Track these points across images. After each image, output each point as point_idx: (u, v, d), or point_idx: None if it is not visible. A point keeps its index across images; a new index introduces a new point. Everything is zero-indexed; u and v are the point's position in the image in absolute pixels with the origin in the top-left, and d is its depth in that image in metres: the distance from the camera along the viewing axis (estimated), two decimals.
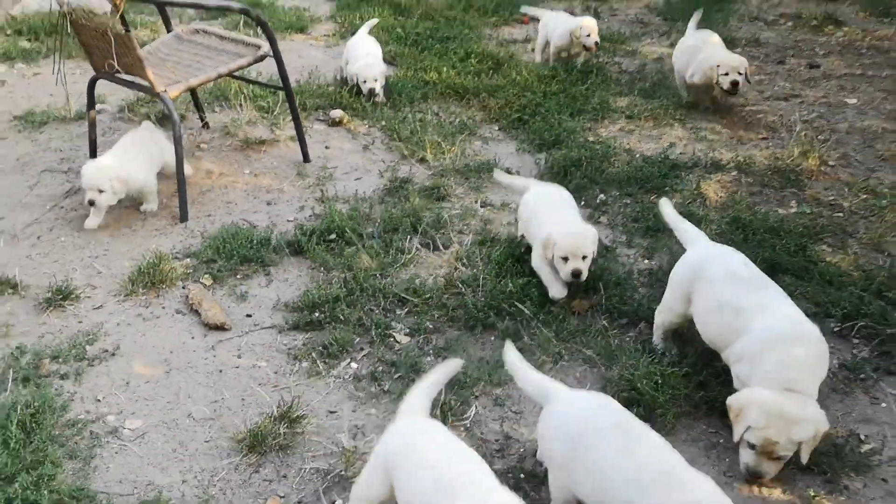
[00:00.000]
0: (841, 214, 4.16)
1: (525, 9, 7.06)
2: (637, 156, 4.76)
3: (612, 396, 2.48)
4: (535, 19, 7.29)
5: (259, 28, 4.57)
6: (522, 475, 2.67)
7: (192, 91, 5.02)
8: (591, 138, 4.98)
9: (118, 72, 4.08)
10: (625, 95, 5.67)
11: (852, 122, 5.29)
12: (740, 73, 4.97)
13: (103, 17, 3.83)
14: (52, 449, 2.74)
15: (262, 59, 4.45)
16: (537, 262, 3.50)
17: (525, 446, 2.81)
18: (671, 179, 4.47)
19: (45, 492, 2.54)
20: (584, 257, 3.34)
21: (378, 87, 5.34)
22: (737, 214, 4.04)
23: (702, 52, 5.17)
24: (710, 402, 2.90)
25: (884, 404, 2.97)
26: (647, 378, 2.89)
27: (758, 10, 7.82)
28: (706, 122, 5.30)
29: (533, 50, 6.64)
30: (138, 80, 4.12)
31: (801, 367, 2.52)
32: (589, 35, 5.80)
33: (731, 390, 2.75)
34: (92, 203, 4.04)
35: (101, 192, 4.00)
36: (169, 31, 4.78)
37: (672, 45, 6.73)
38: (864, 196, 4.31)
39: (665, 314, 3.12)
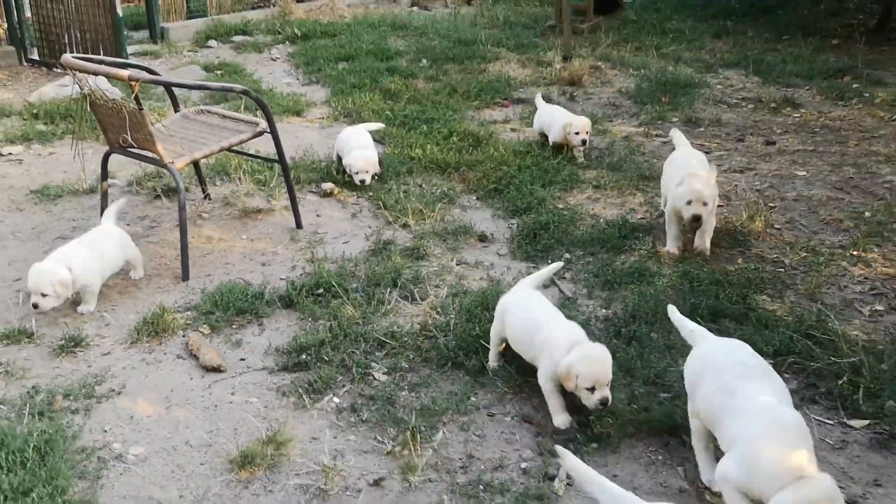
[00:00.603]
0: (782, 269, 4.59)
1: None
2: (601, 220, 5.21)
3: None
4: (517, 102, 7.90)
5: (258, 108, 5.08)
6: (482, 486, 3.02)
7: (196, 165, 5.52)
8: (560, 205, 5.44)
9: (131, 146, 4.57)
10: (593, 169, 6.17)
11: (800, 191, 5.77)
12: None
13: (120, 101, 4.35)
14: (64, 469, 3.08)
15: (260, 134, 4.96)
16: (545, 384, 3.35)
17: (486, 464, 3.16)
18: (630, 240, 4.91)
19: (60, 501, 2.88)
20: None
21: (369, 179, 5.75)
22: (686, 269, 4.47)
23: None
24: (651, 425, 3.27)
25: (824, 432, 3.33)
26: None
27: (721, 94, 8.42)
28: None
29: (512, 129, 7.19)
30: (148, 153, 4.60)
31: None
32: (578, 133, 6.23)
33: (670, 412, 3.12)
34: (35, 306, 4.03)
35: (44, 295, 4.02)
36: (176, 111, 5.31)
37: (640, 125, 7.32)
38: (805, 254, 4.74)
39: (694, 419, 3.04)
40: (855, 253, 4.76)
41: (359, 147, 5.88)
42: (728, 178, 6.05)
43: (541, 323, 3.42)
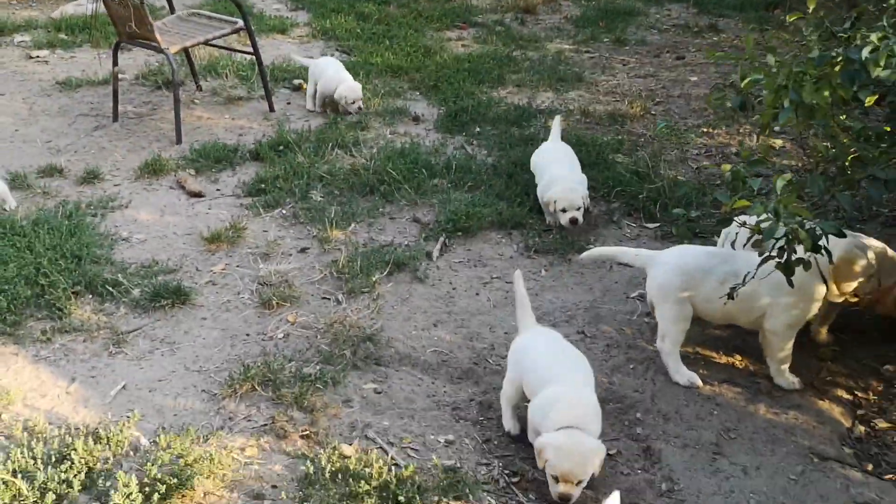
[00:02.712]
0: (641, 139, 5.89)
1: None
2: (511, 106, 6.51)
3: None
4: (474, 25, 9.10)
5: (238, 10, 6.38)
6: (376, 251, 4.39)
7: (190, 61, 6.82)
8: (483, 98, 6.73)
9: (136, 36, 5.88)
10: (521, 73, 7.45)
11: (686, 90, 7.03)
12: None
13: None
14: (87, 239, 4.46)
15: (238, 30, 6.26)
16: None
17: (381, 242, 4.52)
18: (529, 119, 6.21)
19: (86, 253, 4.27)
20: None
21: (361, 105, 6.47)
22: (564, 136, 5.78)
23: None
24: (502, 221, 4.63)
25: (627, 231, 4.67)
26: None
27: (655, 21, 9.60)
28: (574, 90, 7.07)
29: (463, 46, 8.44)
30: (149, 42, 5.91)
31: None
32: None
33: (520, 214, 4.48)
34: None
35: None
36: (172, 13, 6.60)
37: (574, 44, 8.56)
38: (666, 130, 6.04)
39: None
40: (705, 130, 6.05)
41: (349, 79, 6.51)
42: (630, 82, 7.31)
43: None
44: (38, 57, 7.88)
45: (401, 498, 2.75)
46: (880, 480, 3.00)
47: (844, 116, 3.15)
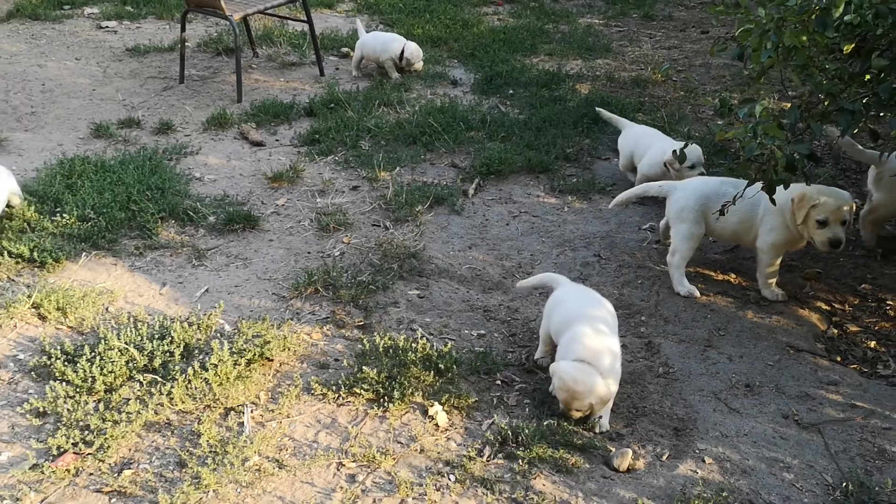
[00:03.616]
0: (660, 100, 6.41)
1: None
2: (542, 71, 7.07)
3: None
4: (511, 1, 9.62)
5: None
6: (420, 187, 4.99)
7: (248, 30, 7.47)
8: (517, 65, 7.29)
9: (202, 2, 6.52)
10: (552, 43, 7.99)
11: (707, 60, 7.52)
12: None
13: None
14: (165, 176, 5.11)
15: (292, 1, 6.89)
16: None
17: (424, 181, 5.12)
18: (558, 83, 6.76)
19: (167, 187, 4.93)
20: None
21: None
22: (589, 97, 6.33)
23: None
24: (531, 166, 5.20)
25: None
26: None
27: None
28: (601, 59, 7.60)
29: (498, 19, 8.99)
30: (214, 9, 6.55)
31: None
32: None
33: (549, 162, 5.04)
34: None
35: None
36: None
37: (604, 18, 9.06)
38: (683, 93, 6.55)
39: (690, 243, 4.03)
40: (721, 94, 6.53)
41: (407, 42, 7.10)
42: (655, 52, 7.82)
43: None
44: (107, 27, 8.60)
45: (441, 366, 3.35)
46: (844, 367, 3.53)
47: (830, 65, 3.65)
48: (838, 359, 3.58)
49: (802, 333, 3.75)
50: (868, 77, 3.37)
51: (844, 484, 2.84)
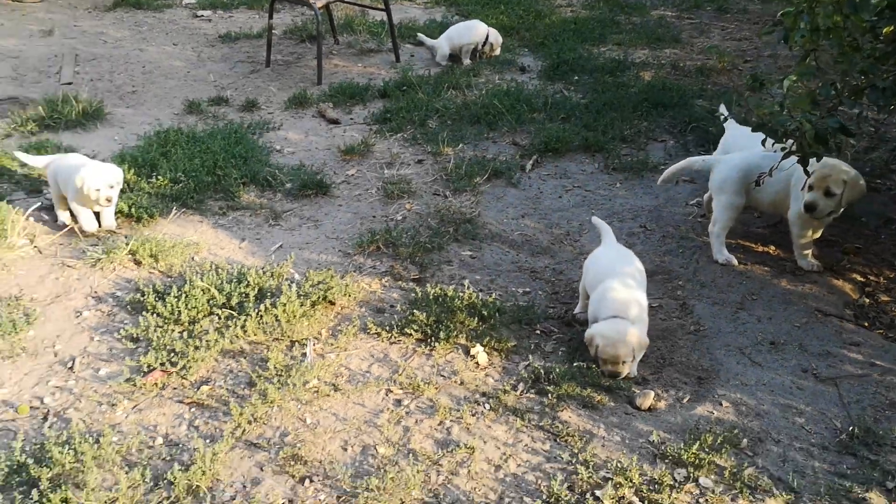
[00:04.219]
0: (723, 87, 6.57)
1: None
2: (608, 59, 7.30)
3: None
4: None
5: None
6: (480, 160, 5.32)
7: (330, 18, 7.94)
8: (584, 54, 7.55)
9: None
10: (622, 34, 8.20)
11: (777, 51, 7.61)
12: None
13: None
14: (248, 145, 5.59)
15: None
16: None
17: (485, 157, 5.46)
18: (623, 70, 6.99)
19: (250, 156, 5.39)
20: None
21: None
22: (652, 83, 6.54)
23: None
24: (588, 145, 5.48)
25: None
26: None
27: None
28: (669, 48, 7.77)
29: (571, 11, 9.23)
30: None
31: None
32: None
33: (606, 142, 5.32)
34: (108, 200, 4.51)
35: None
36: None
37: (677, 11, 9.20)
38: (746, 80, 6.69)
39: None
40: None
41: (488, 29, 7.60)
42: (724, 43, 7.94)
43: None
44: (202, 16, 9.22)
45: (484, 313, 3.68)
46: (869, 331, 3.70)
47: (866, 46, 3.81)
48: (865, 324, 3.75)
49: (833, 301, 3.92)
50: None
51: (852, 428, 3.04)
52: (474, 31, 7.39)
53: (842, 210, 3.98)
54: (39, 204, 4.80)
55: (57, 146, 5.50)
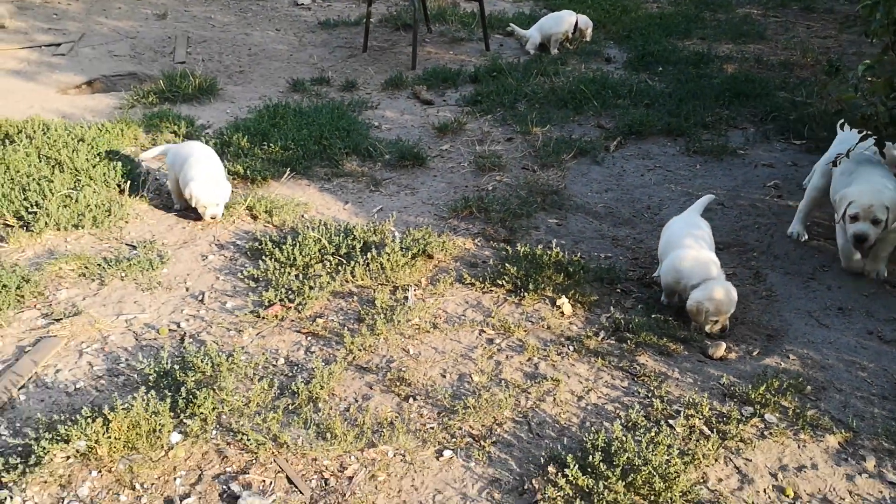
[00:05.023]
0: (804, 80, 6.75)
1: None
2: (692, 52, 7.53)
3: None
4: None
5: None
6: (566, 139, 5.66)
7: (424, 7, 8.37)
8: (668, 46, 7.79)
9: None
10: (707, 29, 8.41)
11: (861, 49, 7.71)
12: None
13: None
14: (350, 121, 6.05)
15: None
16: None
17: (571, 136, 5.79)
18: (707, 63, 7.22)
19: (352, 129, 5.85)
20: None
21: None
22: (735, 75, 6.76)
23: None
24: (670, 130, 5.76)
25: (776, 146, 5.65)
26: None
27: None
28: (753, 44, 7.96)
29: (658, 7, 9.46)
30: None
31: None
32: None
33: (688, 127, 5.59)
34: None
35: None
36: None
37: (763, 9, 9.34)
38: (824, 77, 6.85)
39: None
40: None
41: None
42: (809, 41, 8.08)
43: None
44: (302, 4, 9.78)
45: (570, 269, 4.03)
46: None
47: None
48: None
49: None
50: None
51: None
52: (564, 21, 7.73)
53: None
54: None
55: (177, 116, 6.04)
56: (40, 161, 5.09)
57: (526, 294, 3.90)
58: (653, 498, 2.70)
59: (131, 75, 7.32)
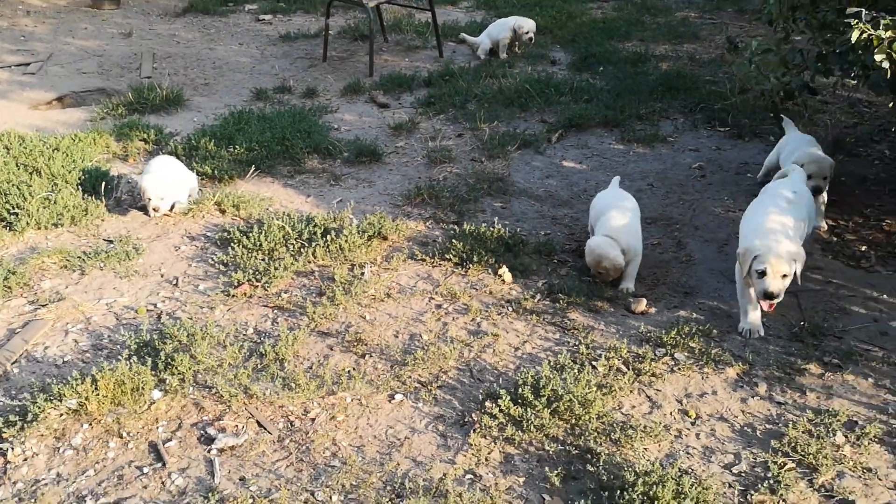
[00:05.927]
0: (725, 74, 7.30)
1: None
2: (630, 52, 8.07)
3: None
4: None
5: None
6: (511, 133, 6.13)
7: (380, 18, 8.83)
8: (609, 48, 8.32)
9: None
10: (646, 31, 8.96)
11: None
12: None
13: None
14: (311, 121, 6.47)
15: None
16: None
17: (515, 131, 6.27)
18: (644, 62, 7.75)
19: (313, 131, 6.27)
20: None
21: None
22: (669, 72, 7.29)
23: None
24: (607, 121, 6.26)
25: (703, 133, 6.17)
26: None
27: None
28: (688, 44, 8.51)
29: (602, 13, 10.02)
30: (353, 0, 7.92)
31: None
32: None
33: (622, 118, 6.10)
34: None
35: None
36: None
37: (700, 13, 9.93)
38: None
39: None
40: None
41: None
42: (740, 40, 8.64)
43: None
44: (263, 19, 10.20)
45: (510, 243, 4.48)
46: (832, 261, 4.41)
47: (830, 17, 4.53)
48: (829, 255, 4.46)
49: None
50: None
51: (802, 323, 3.77)
52: (508, 27, 8.23)
53: None
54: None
55: (146, 125, 6.41)
56: (18, 168, 5.44)
57: (471, 266, 4.34)
58: (573, 421, 3.15)
59: (100, 90, 7.66)
